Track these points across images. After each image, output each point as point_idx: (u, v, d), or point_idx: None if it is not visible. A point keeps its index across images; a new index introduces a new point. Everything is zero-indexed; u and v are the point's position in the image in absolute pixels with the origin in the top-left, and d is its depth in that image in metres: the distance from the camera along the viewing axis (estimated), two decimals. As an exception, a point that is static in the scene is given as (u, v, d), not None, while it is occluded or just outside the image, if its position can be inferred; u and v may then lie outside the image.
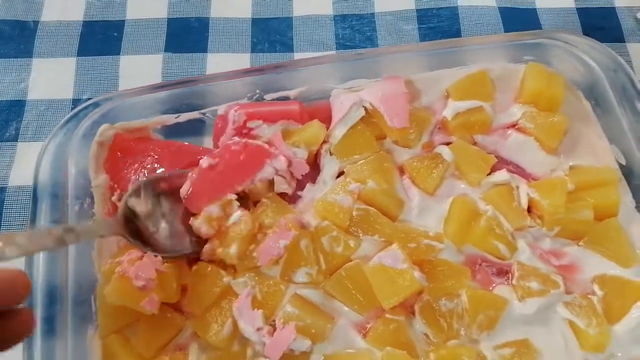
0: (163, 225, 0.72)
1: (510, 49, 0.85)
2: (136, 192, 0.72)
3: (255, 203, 0.76)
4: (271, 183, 0.75)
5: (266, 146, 0.75)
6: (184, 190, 0.73)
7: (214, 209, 0.71)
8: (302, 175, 0.77)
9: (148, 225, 0.71)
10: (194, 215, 0.72)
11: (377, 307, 0.71)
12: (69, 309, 0.67)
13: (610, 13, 1.00)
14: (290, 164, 0.76)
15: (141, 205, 0.71)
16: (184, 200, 0.72)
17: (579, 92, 0.84)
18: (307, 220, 0.75)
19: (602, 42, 0.84)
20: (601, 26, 0.98)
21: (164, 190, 0.73)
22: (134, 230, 0.69)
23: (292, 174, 0.77)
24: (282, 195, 0.77)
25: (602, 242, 0.75)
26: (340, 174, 0.79)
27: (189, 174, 0.73)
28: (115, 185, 0.76)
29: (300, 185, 0.78)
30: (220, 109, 0.80)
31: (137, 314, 0.68)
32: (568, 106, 0.83)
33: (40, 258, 0.69)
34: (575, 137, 0.82)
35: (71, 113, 0.76)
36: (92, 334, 0.69)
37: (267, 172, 0.74)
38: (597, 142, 0.81)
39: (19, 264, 0.70)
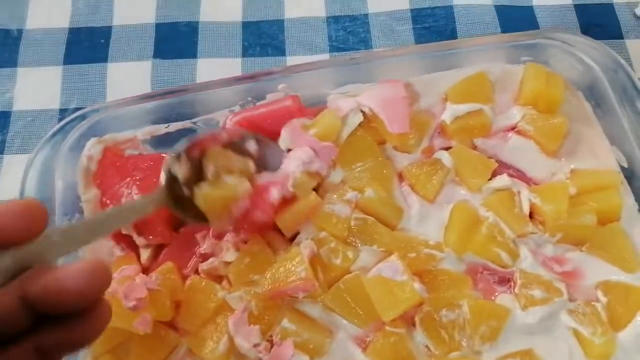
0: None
1: (507, 50, 0.83)
2: (177, 158, 0.68)
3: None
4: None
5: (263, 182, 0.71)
6: None
7: None
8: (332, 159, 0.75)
9: (186, 190, 0.66)
10: None
11: (377, 319, 0.69)
12: (59, 329, 0.65)
13: (608, 9, 0.98)
14: (316, 153, 0.73)
15: (182, 170, 0.67)
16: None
17: (578, 93, 0.82)
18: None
19: (600, 39, 0.82)
20: (599, 23, 0.96)
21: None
22: (177, 198, 0.65)
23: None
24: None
25: (605, 247, 0.73)
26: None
27: None
28: (108, 201, 0.73)
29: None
30: (216, 122, 0.78)
31: (130, 333, 0.66)
32: (568, 107, 0.81)
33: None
34: (575, 139, 0.80)
35: (57, 126, 0.74)
36: (84, 355, 0.67)
37: (276, 193, 0.70)
38: (598, 143, 0.80)
39: None
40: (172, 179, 0.66)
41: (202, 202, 0.66)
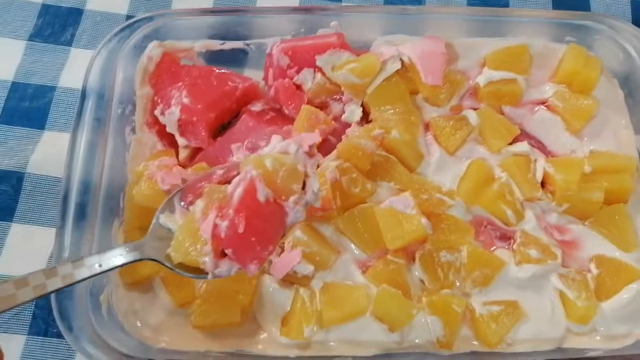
0: None
1: (553, 27, 0.86)
2: (169, 207, 0.67)
3: None
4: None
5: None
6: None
7: None
8: None
9: None
10: None
11: (382, 248, 0.75)
12: (99, 200, 0.73)
13: (664, 2, 0.99)
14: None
15: (175, 221, 0.65)
16: None
17: (614, 80, 0.85)
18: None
19: (652, 30, 0.84)
20: (652, 14, 0.98)
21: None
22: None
23: None
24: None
25: (607, 225, 0.77)
26: (368, 122, 0.82)
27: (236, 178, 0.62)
28: (159, 100, 0.80)
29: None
30: (268, 47, 0.83)
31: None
32: (600, 91, 0.84)
33: (81, 152, 0.74)
34: (601, 122, 0.83)
35: (125, 23, 0.81)
36: (117, 227, 0.75)
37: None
38: (623, 130, 0.83)
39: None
40: (164, 230, 0.65)
41: None
